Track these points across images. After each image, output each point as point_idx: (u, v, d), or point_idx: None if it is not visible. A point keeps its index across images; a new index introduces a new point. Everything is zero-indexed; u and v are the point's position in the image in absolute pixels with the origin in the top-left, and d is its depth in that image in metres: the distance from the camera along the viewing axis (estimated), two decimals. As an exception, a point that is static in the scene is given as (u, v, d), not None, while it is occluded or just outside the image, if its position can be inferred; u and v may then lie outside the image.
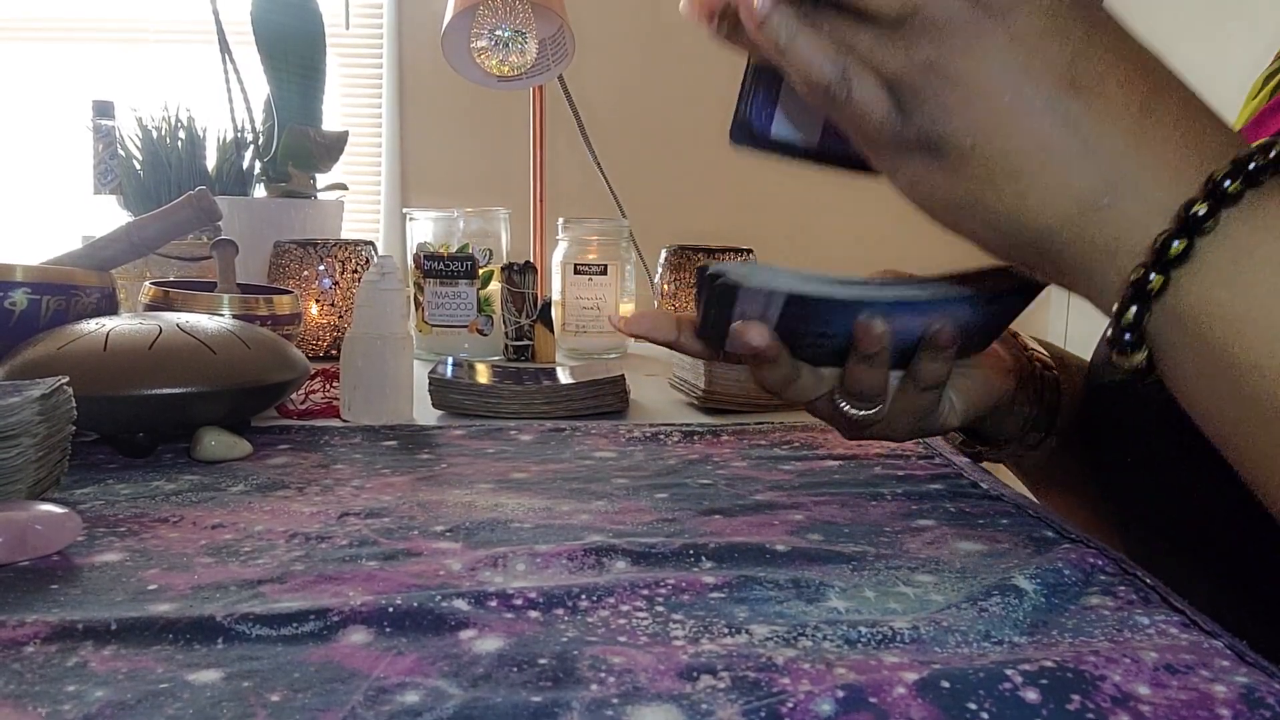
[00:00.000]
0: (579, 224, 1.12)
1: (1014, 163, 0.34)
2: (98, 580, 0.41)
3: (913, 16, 0.34)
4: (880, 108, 0.36)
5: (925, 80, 0.34)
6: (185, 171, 1.21)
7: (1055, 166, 0.34)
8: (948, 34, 0.34)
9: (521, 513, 0.51)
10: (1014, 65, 0.33)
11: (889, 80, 0.35)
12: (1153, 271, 0.33)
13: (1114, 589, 0.40)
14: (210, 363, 0.63)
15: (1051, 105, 0.33)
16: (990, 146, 0.34)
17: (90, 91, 1.31)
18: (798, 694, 0.30)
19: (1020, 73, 0.33)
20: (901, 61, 0.35)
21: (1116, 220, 0.33)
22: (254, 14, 1.17)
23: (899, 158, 0.37)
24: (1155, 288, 0.33)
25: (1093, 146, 0.33)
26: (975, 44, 0.33)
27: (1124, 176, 0.33)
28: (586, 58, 1.48)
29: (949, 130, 0.35)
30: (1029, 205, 0.34)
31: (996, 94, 0.34)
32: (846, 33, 0.35)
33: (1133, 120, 0.33)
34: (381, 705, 0.30)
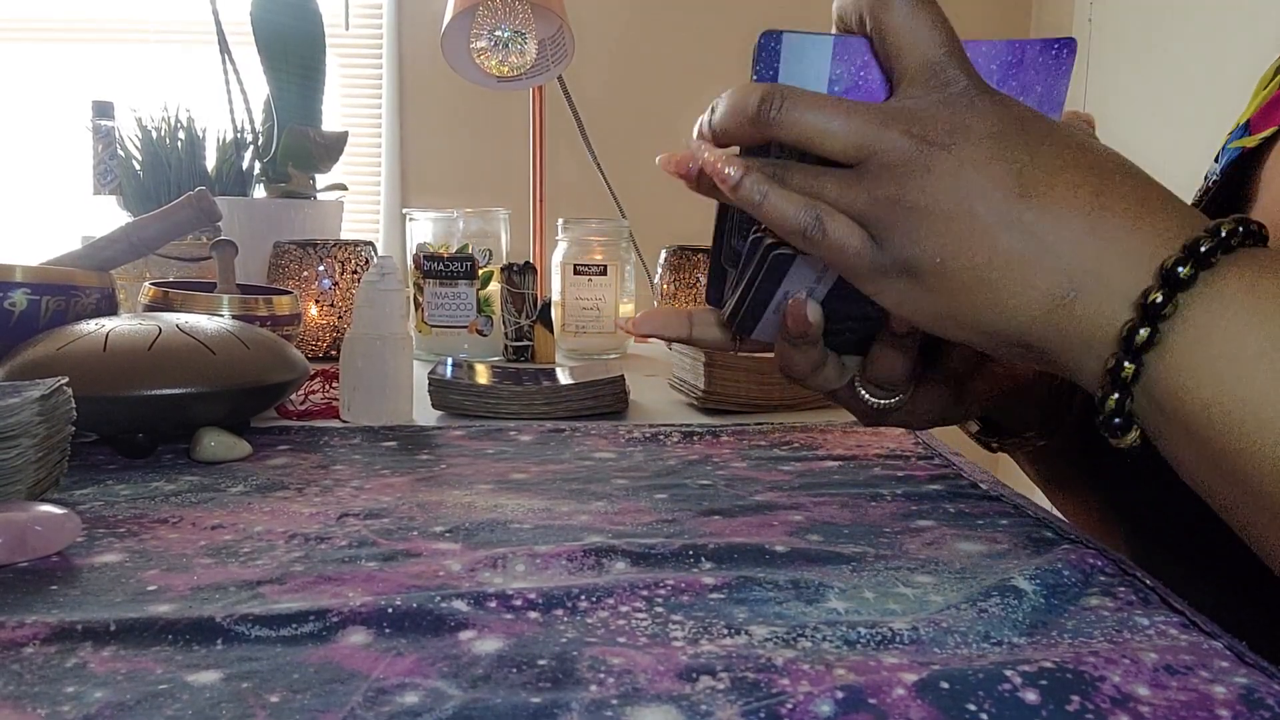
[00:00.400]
0: (579, 224, 1.12)
1: (981, 274, 0.36)
2: (97, 581, 0.41)
3: (868, 160, 0.37)
4: (855, 242, 0.38)
5: (890, 213, 0.37)
6: (185, 172, 1.21)
7: (1019, 272, 0.36)
8: (902, 170, 0.37)
9: (521, 513, 0.51)
10: (966, 188, 0.36)
11: (858, 218, 0.38)
12: (1125, 360, 0.34)
13: (1114, 590, 0.40)
14: (210, 363, 0.63)
15: (1006, 217, 0.36)
16: (957, 263, 0.37)
17: (90, 92, 1.31)
18: (797, 695, 0.30)
19: (972, 194, 0.36)
20: (865, 200, 0.37)
21: (1085, 313, 0.35)
22: (254, 14, 1.17)
23: (881, 282, 0.39)
24: (1129, 376, 0.34)
25: (1050, 247, 0.35)
26: (928, 176, 0.36)
27: (1085, 271, 0.35)
28: (586, 58, 1.48)
29: (919, 254, 0.37)
30: (1003, 310, 0.37)
31: (955, 216, 0.36)
32: (813, 182, 0.39)
33: (1085, 216, 0.35)
34: (381, 706, 0.30)
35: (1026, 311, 0.36)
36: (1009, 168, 0.36)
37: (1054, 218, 0.35)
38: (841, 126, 0.37)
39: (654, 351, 1.16)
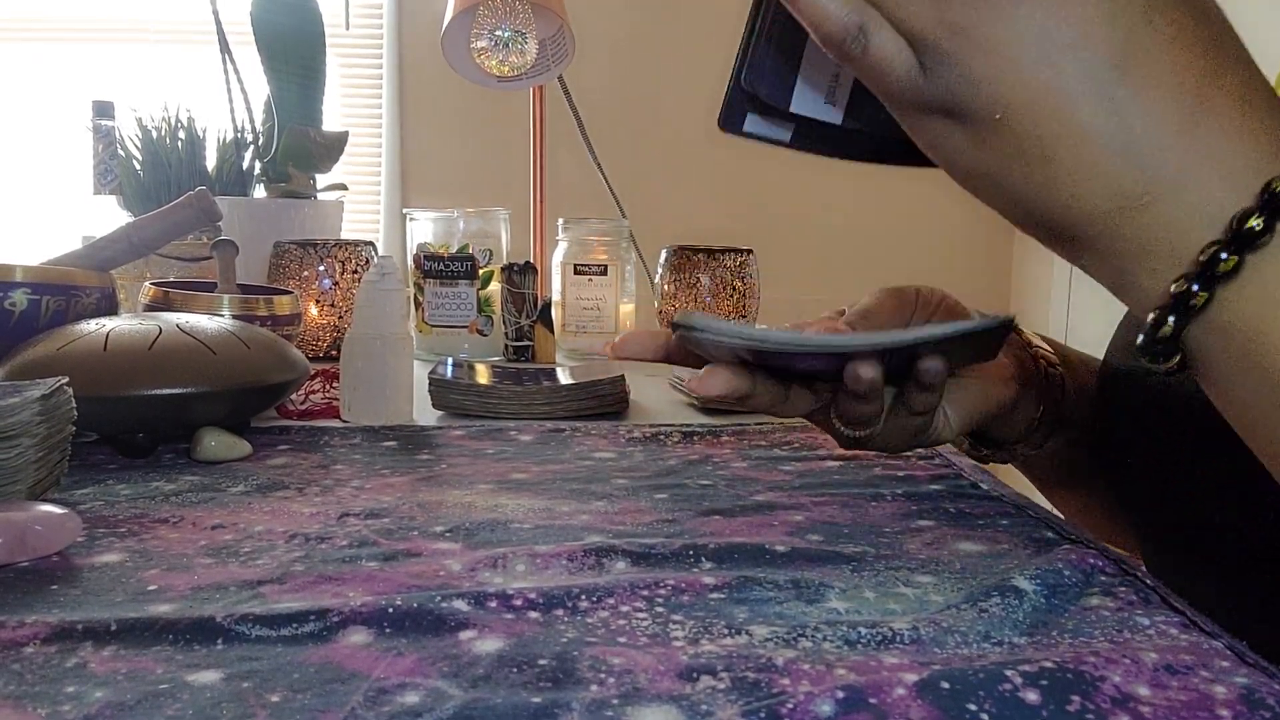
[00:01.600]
0: (579, 224, 1.12)
1: (1046, 146, 0.31)
2: (97, 581, 0.41)
3: None
4: (900, 66, 0.33)
5: (953, 43, 0.31)
6: (185, 172, 1.21)
7: (1092, 156, 0.31)
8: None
9: (521, 513, 0.51)
10: (1057, 38, 0.30)
11: (913, 36, 0.32)
12: (1196, 284, 0.30)
13: (1114, 590, 0.40)
14: (210, 363, 0.63)
15: (1096, 87, 0.30)
16: (1020, 125, 0.31)
17: (90, 91, 1.31)
18: (797, 695, 0.30)
19: (1062, 47, 0.30)
20: (929, 18, 0.31)
21: (1154, 221, 0.31)
22: (254, 14, 1.17)
23: (920, 117, 0.34)
24: (1199, 304, 0.30)
25: (1136, 138, 0.30)
26: (1015, 9, 0.30)
27: (1167, 175, 0.30)
28: (586, 58, 1.48)
29: (975, 100, 0.32)
30: (1058, 192, 0.32)
31: (1033, 68, 0.31)
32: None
33: (1184, 113, 0.30)
34: (381, 706, 0.30)
35: (1087, 202, 0.31)
36: (1115, 25, 0.30)
37: (1149, 103, 0.30)
38: None
39: (654, 351, 1.16)
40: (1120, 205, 0.31)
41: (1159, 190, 0.31)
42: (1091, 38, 0.30)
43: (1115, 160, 0.31)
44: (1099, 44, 0.30)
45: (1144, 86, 0.30)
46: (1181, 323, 0.31)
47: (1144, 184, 0.31)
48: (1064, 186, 0.31)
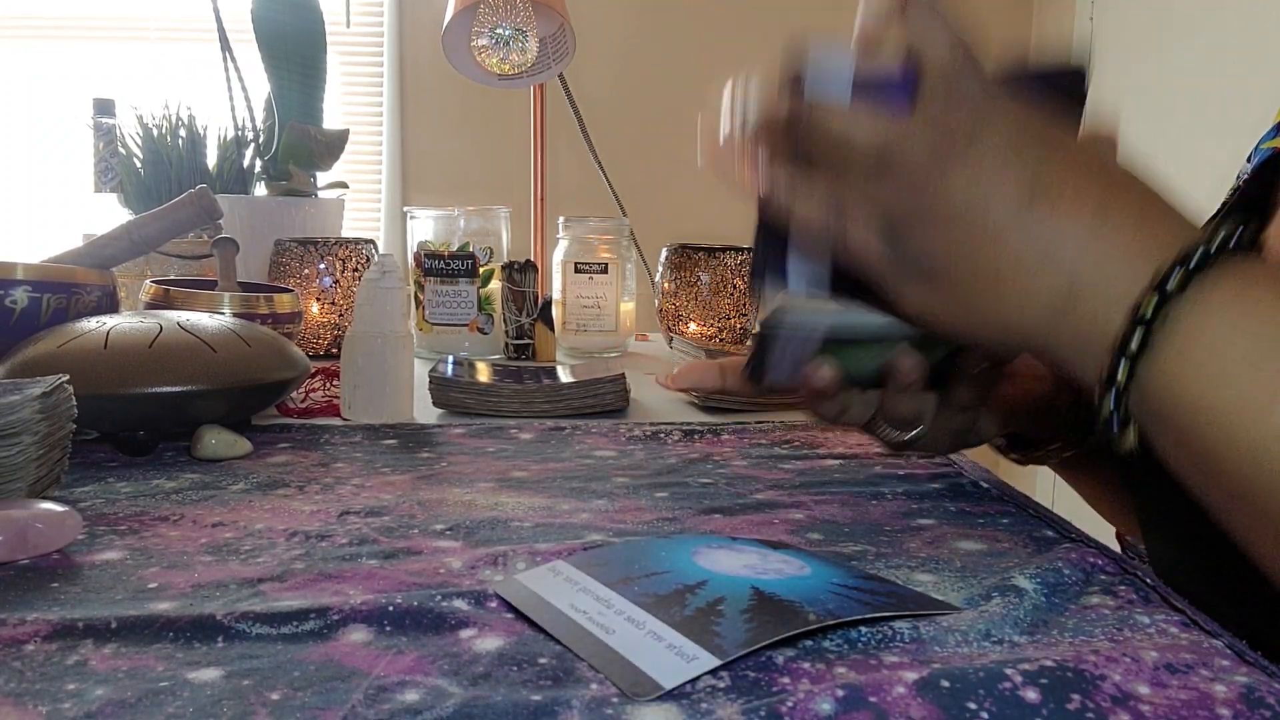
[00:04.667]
0: (579, 222, 1.12)
1: (987, 277, 0.38)
2: (98, 579, 0.41)
3: (890, 163, 0.39)
4: (873, 244, 0.40)
5: (907, 216, 0.39)
6: (186, 170, 1.21)
7: (1025, 274, 0.37)
8: (920, 175, 0.38)
9: (521, 511, 0.51)
10: (979, 193, 0.37)
11: (878, 220, 0.39)
12: (1119, 364, 0.35)
13: (1114, 588, 0.40)
14: (211, 361, 0.63)
15: (1015, 221, 0.37)
16: (969, 265, 0.38)
17: (91, 90, 1.31)
18: (798, 693, 0.30)
19: (986, 198, 0.37)
20: (886, 202, 0.39)
21: (1085, 317, 0.36)
22: (255, 12, 1.17)
23: (899, 284, 0.41)
24: (1123, 380, 0.35)
25: (1054, 252, 0.37)
26: (943, 181, 0.38)
27: (1085, 276, 0.36)
28: (587, 56, 1.48)
29: (931, 256, 0.39)
30: (1007, 312, 0.38)
31: (967, 219, 0.38)
32: (836, 185, 0.40)
33: (1088, 222, 0.36)
34: (381, 704, 0.30)
35: (1032, 313, 0.38)
36: (1021, 173, 0.37)
37: (1059, 222, 0.37)
38: (864, 135, 0.39)
39: (655, 350, 1.16)
40: (1055, 308, 0.37)
41: (1081, 289, 0.36)
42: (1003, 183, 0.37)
43: (1042, 271, 0.37)
44: (1010, 186, 0.37)
45: (1052, 211, 0.37)
46: (1117, 399, 0.36)
47: (1068, 286, 0.37)
48: (1011, 303, 0.38)
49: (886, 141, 0.38)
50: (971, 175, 0.37)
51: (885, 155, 0.39)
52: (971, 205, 0.38)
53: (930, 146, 0.38)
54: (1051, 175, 0.37)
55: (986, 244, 0.38)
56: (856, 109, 0.40)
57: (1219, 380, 0.34)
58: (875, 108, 0.39)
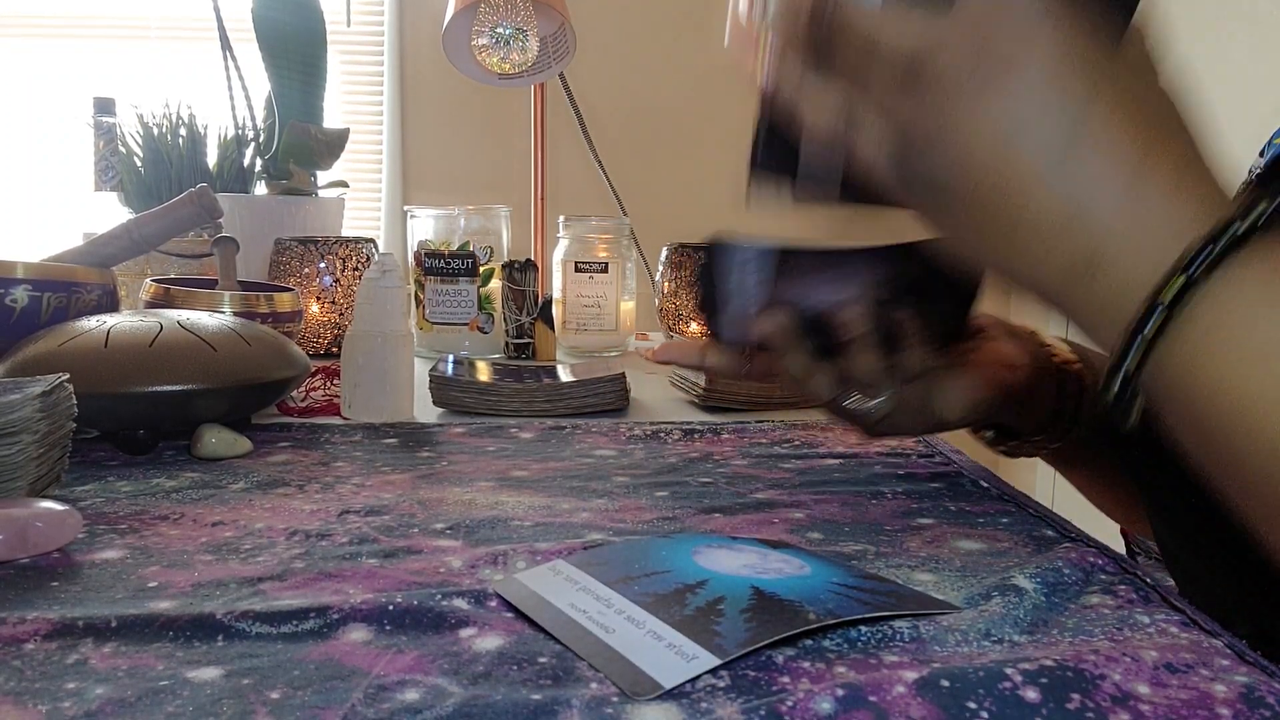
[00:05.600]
0: (580, 222, 1.12)
1: (1015, 218, 0.35)
2: (98, 577, 0.41)
3: (922, 68, 0.35)
4: (887, 152, 0.37)
5: (931, 132, 0.35)
6: (186, 169, 1.21)
7: (1046, 231, 0.35)
8: (955, 87, 0.34)
9: (522, 511, 0.51)
10: (1017, 120, 0.34)
11: (896, 128, 0.36)
12: (1132, 345, 0.34)
13: (1114, 588, 0.40)
14: (211, 360, 0.63)
15: (1051, 162, 0.34)
16: (987, 201, 0.35)
17: (91, 88, 1.31)
18: (797, 693, 0.30)
19: (1023, 129, 0.34)
20: (908, 110, 0.36)
21: (1104, 287, 0.34)
22: (255, 11, 1.17)
23: (907, 196, 0.38)
24: (1133, 365, 0.34)
25: (1086, 205, 0.34)
26: (979, 98, 0.34)
27: (1114, 237, 0.34)
28: (588, 55, 1.48)
29: (953, 179, 0.36)
30: (1024, 261, 0.36)
31: (997, 149, 0.34)
32: (857, 79, 0.37)
33: (1127, 176, 0.33)
34: (381, 703, 0.30)
35: (1047, 271, 0.35)
36: (1065, 106, 0.34)
37: (1097, 172, 0.34)
38: (892, 39, 0.35)
39: (655, 349, 1.16)
40: (1075, 273, 0.34)
41: (1104, 259, 0.34)
42: (1044, 116, 0.34)
43: (1065, 233, 0.34)
44: (1050, 121, 0.34)
45: (1092, 156, 0.34)
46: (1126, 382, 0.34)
47: (1090, 253, 0.34)
48: (1027, 256, 0.35)
49: (916, 50, 0.35)
50: (1006, 107, 0.34)
51: (912, 66, 0.35)
52: (1002, 138, 0.34)
53: (964, 64, 0.34)
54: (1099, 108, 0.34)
55: (1010, 189, 0.34)
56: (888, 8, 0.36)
57: (1242, 368, 0.32)
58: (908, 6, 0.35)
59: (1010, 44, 0.34)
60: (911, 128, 0.36)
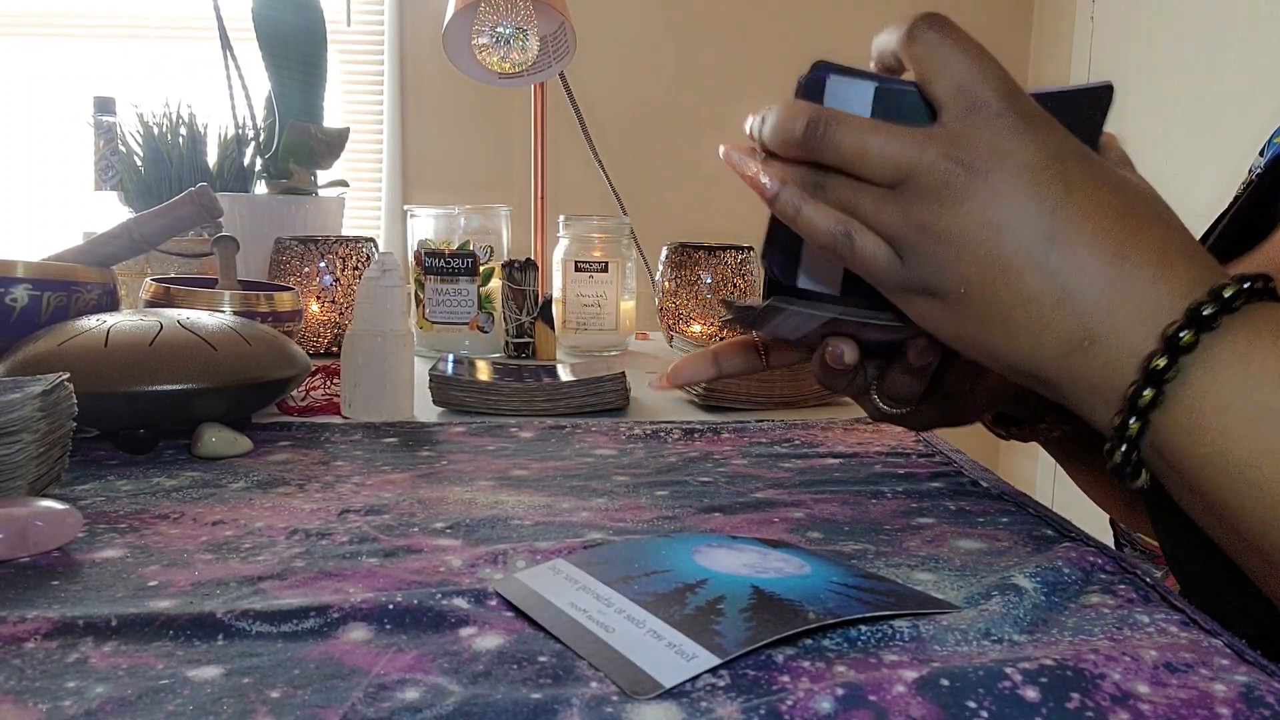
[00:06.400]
0: (580, 221, 1.12)
1: (1002, 311, 0.38)
2: (98, 576, 0.41)
3: (906, 181, 0.38)
4: (883, 259, 0.39)
5: (919, 237, 0.38)
6: (186, 168, 1.21)
7: (1037, 314, 0.37)
8: (937, 196, 0.37)
9: (522, 510, 0.51)
10: (997, 223, 0.37)
11: (889, 237, 0.39)
12: (1131, 418, 0.36)
13: (1114, 587, 0.40)
14: (211, 359, 0.63)
15: (1032, 258, 0.37)
16: (979, 296, 0.38)
17: (92, 88, 1.31)
18: (797, 692, 0.30)
19: (1002, 230, 0.37)
20: (899, 221, 0.38)
21: (1097, 363, 0.37)
22: (255, 10, 1.17)
23: (906, 297, 0.40)
24: (1134, 432, 0.36)
25: (1070, 294, 0.36)
26: (962, 205, 0.37)
27: (1099, 323, 0.36)
28: (588, 55, 1.48)
29: (943, 281, 0.38)
30: (1019, 346, 0.38)
31: (982, 249, 0.37)
32: (850, 196, 0.40)
33: (1108, 266, 0.36)
34: (381, 702, 0.30)
35: (1042, 352, 0.38)
36: (1042, 206, 0.36)
37: (1078, 265, 0.36)
38: (881, 148, 0.38)
39: (655, 349, 1.16)
40: (1068, 352, 0.37)
41: (1094, 336, 0.36)
42: (1022, 218, 0.37)
43: (1056, 314, 0.37)
44: (1029, 222, 0.37)
45: (1070, 251, 0.36)
46: (1129, 449, 0.36)
47: (1081, 332, 0.36)
48: (1022, 340, 0.38)
49: (902, 158, 0.38)
50: (989, 203, 0.37)
51: (900, 173, 0.38)
52: (987, 234, 0.37)
53: (947, 170, 0.37)
54: (1072, 216, 0.36)
55: (999, 279, 0.37)
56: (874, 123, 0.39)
57: (1229, 436, 0.34)
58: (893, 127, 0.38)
59: (986, 156, 0.37)
60: (902, 234, 0.38)
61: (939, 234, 0.38)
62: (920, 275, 0.39)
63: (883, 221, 0.39)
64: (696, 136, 2.40)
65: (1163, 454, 0.36)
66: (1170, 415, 0.35)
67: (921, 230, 0.38)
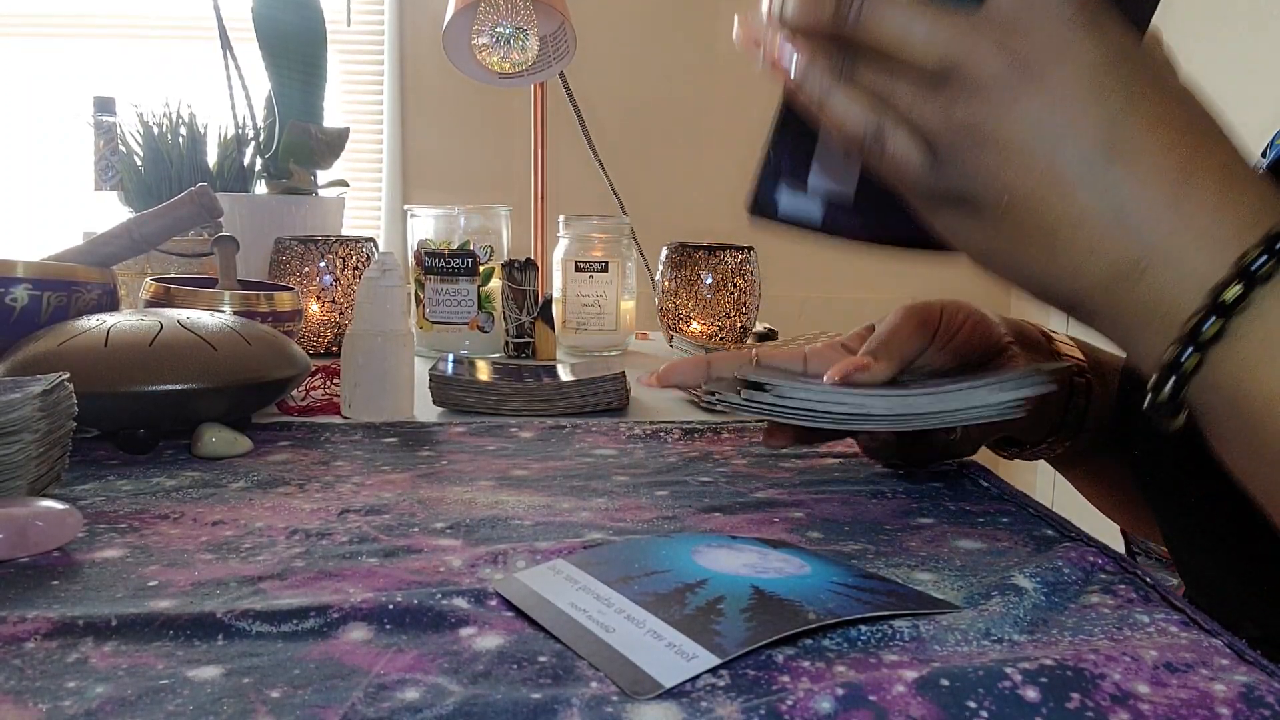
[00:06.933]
0: (580, 221, 1.11)
1: (1047, 227, 0.34)
2: (98, 576, 0.41)
3: (952, 73, 0.34)
4: (916, 161, 0.36)
5: (962, 139, 0.34)
6: (186, 168, 1.21)
7: (1088, 234, 0.34)
8: (986, 94, 0.34)
9: (522, 510, 0.51)
10: (1051, 129, 0.33)
11: (926, 135, 0.35)
12: (1188, 349, 0.32)
13: (1114, 587, 0.40)
14: (211, 359, 0.63)
15: (1087, 172, 0.33)
16: (1024, 209, 0.34)
17: (92, 88, 1.31)
18: (797, 692, 0.30)
19: (1057, 138, 0.33)
20: (939, 119, 0.35)
21: (1149, 290, 0.33)
22: (255, 10, 1.17)
23: (936, 207, 0.37)
24: (1189, 367, 0.33)
25: (1127, 216, 0.33)
26: (1013, 106, 0.33)
27: (1158, 247, 0.33)
28: (588, 55, 1.47)
29: (984, 188, 0.35)
30: (1062, 268, 0.35)
31: (1032, 157, 0.34)
32: (885, 83, 0.35)
33: (1169, 189, 0.33)
34: (381, 702, 0.30)
35: (1090, 275, 0.34)
36: (1103, 114, 0.33)
37: (1138, 183, 0.33)
38: (926, 32, 0.34)
39: (655, 349, 1.16)
40: (1118, 276, 0.34)
41: (1151, 261, 0.33)
42: (1081, 127, 0.33)
43: (1110, 235, 0.33)
44: (1088, 132, 0.33)
45: (1132, 167, 0.33)
46: (1179, 385, 0.33)
47: (1137, 256, 0.33)
48: (1067, 262, 0.34)
49: (950, 47, 0.34)
50: (1045, 107, 0.33)
51: (946, 63, 0.34)
52: (1040, 142, 0.33)
53: (1000, 63, 0.33)
54: (1135, 128, 0.33)
55: (1050, 191, 0.34)
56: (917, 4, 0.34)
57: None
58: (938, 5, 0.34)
59: (1043, 51, 0.33)
60: (942, 133, 0.35)
61: (985, 137, 0.34)
62: (956, 182, 0.35)
63: (921, 117, 0.35)
64: (696, 137, 2.40)
65: (1221, 392, 0.33)
66: (1237, 350, 0.32)
67: (965, 131, 0.34)
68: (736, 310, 1.08)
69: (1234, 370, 0.32)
